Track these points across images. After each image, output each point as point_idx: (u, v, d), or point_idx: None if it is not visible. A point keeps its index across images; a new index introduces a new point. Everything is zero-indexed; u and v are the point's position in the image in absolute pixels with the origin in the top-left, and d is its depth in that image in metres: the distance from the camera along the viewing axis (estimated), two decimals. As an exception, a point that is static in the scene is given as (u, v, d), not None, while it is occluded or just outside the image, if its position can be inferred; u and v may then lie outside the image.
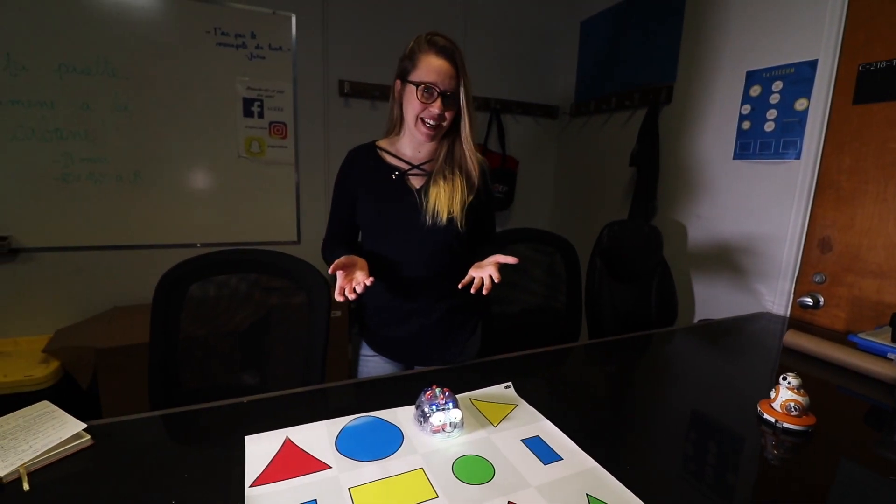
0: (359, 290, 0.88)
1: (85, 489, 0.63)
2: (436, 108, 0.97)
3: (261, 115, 2.16)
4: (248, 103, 2.14)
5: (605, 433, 0.84)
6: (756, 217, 1.77)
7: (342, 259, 0.91)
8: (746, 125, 1.79)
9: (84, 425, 0.74)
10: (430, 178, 1.06)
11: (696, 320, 1.97)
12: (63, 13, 1.83)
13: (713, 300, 1.93)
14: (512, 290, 1.55)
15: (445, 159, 1.05)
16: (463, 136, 1.04)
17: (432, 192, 1.03)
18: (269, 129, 2.19)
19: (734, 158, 1.84)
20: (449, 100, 0.98)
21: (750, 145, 1.78)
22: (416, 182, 1.07)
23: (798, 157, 1.63)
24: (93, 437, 0.73)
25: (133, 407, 0.83)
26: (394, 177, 1.06)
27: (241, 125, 2.14)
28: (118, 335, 1.70)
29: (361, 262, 0.95)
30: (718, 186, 1.90)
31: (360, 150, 1.11)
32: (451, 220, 1.03)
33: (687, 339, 1.41)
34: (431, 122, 0.98)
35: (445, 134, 1.05)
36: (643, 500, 0.63)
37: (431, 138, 1.01)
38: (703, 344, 1.37)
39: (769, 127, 1.72)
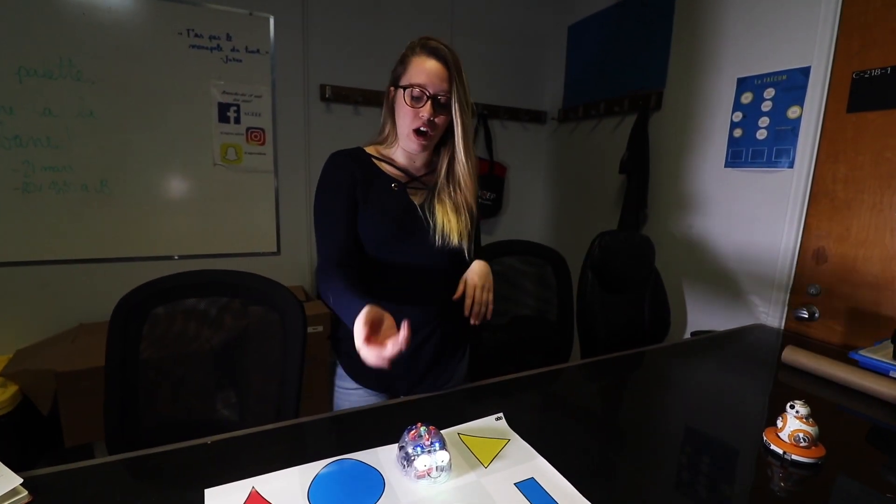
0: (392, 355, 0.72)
1: (13, 562, 0.54)
2: (425, 112, 0.90)
3: (237, 121, 2.07)
4: (223, 108, 2.05)
5: (604, 468, 0.79)
6: (749, 226, 1.74)
7: (367, 315, 0.74)
8: (738, 133, 1.77)
9: (20, 480, 0.65)
10: (431, 193, 0.99)
11: (688, 331, 1.94)
12: (22, 12, 1.73)
13: (706, 311, 1.90)
14: (503, 303, 1.49)
15: (447, 176, 0.98)
16: (458, 154, 0.97)
17: (438, 211, 0.97)
18: (247, 135, 2.10)
19: (726, 166, 1.81)
20: (440, 105, 0.91)
21: (742, 153, 1.76)
22: (416, 197, 0.99)
23: (791, 165, 1.60)
24: (31, 493, 0.64)
25: (97, 434, 0.74)
26: (394, 187, 0.97)
27: (216, 131, 2.05)
28: (81, 357, 1.59)
29: (388, 317, 0.79)
30: (710, 195, 1.87)
31: (349, 155, 0.98)
32: (459, 244, 0.98)
33: (682, 355, 1.37)
34: (422, 129, 0.91)
35: (444, 145, 0.98)
36: (650, 556, 0.57)
37: (424, 148, 0.94)
38: (699, 361, 1.33)
39: (761, 135, 1.69)
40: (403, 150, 0.98)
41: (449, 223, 0.96)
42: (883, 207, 1.40)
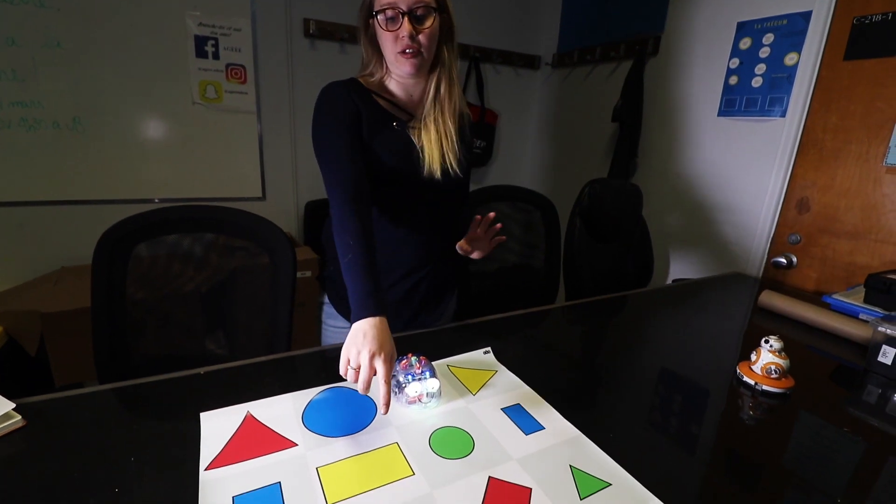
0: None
1: (15, 476, 0.55)
2: (404, 31, 0.84)
3: (216, 56, 1.96)
4: (200, 42, 1.93)
5: (586, 399, 0.82)
6: (736, 177, 1.74)
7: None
8: (734, 80, 1.73)
9: (13, 405, 0.66)
10: (420, 123, 0.94)
11: (670, 280, 1.98)
12: (-29, -75, 1.56)
13: (689, 260, 1.94)
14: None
15: (434, 97, 0.93)
16: (442, 66, 0.92)
17: (424, 139, 0.93)
18: (226, 71, 1.99)
19: (719, 115, 1.79)
20: (418, 17, 0.85)
21: (736, 102, 1.73)
22: (413, 133, 0.95)
23: (783, 115, 1.59)
24: (25, 418, 0.65)
25: (87, 374, 0.74)
26: (395, 125, 0.93)
27: (193, 67, 1.94)
28: (66, 298, 1.57)
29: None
30: (701, 144, 1.86)
31: (346, 87, 0.90)
32: (445, 171, 0.93)
33: (663, 300, 1.41)
34: (409, 50, 0.86)
35: (433, 69, 0.93)
36: (626, 469, 0.62)
37: (417, 68, 0.88)
38: (678, 305, 1.37)
39: (757, 82, 1.66)
40: (397, 80, 0.94)
41: (432, 150, 0.92)
42: (869, 157, 1.41)
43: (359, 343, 0.68)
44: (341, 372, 0.69)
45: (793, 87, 1.56)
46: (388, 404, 0.65)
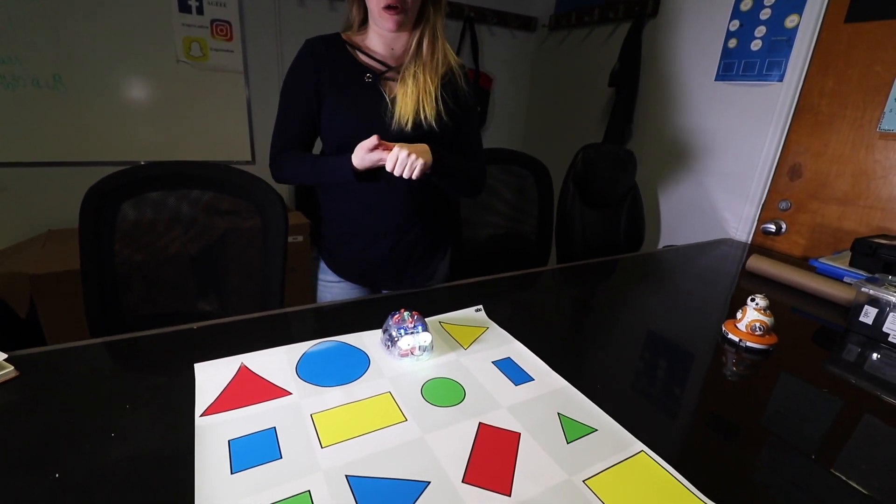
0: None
1: (8, 423, 0.56)
2: None
3: (200, 11, 1.88)
4: (183, -5, 1.84)
5: (575, 354, 0.84)
6: (731, 143, 1.74)
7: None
8: (733, 43, 1.70)
9: (4, 355, 0.66)
10: (399, 77, 0.93)
11: (661, 246, 2.00)
12: None
13: (679, 226, 1.95)
14: (482, 213, 1.50)
15: (415, 54, 0.91)
16: (426, 22, 0.90)
17: (399, 93, 0.91)
18: (212, 28, 1.92)
19: (716, 80, 1.77)
20: None
21: (734, 65, 1.71)
22: (391, 86, 0.94)
23: (781, 79, 1.57)
24: (18, 369, 0.65)
25: (79, 335, 0.75)
26: (367, 79, 0.92)
27: (177, 22, 1.86)
28: (54, 260, 1.56)
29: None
30: (697, 110, 1.84)
31: (323, 42, 0.93)
32: (418, 125, 0.91)
33: (653, 264, 1.42)
34: (393, 6, 0.84)
35: (416, 26, 0.91)
36: (612, 417, 0.64)
37: (399, 24, 0.87)
38: (668, 269, 1.39)
39: (756, 45, 1.64)
40: (379, 35, 0.92)
41: (405, 105, 0.90)
42: (863, 123, 1.41)
43: (366, 158, 0.84)
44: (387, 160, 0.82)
45: (792, 51, 1.54)
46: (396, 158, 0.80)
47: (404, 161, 0.81)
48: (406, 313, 0.76)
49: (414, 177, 0.83)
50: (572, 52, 2.47)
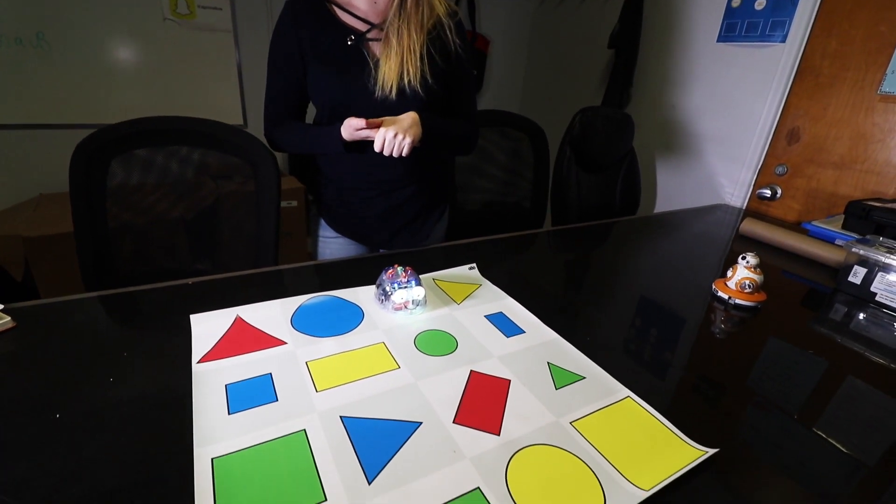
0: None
1: (8, 370, 0.57)
2: None
3: (186, -35, 1.81)
4: (167, -53, 1.77)
5: (567, 311, 0.86)
6: (730, 106, 1.71)
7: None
8: (736, 2, 1.66)
9: (1, 305, 0.66)
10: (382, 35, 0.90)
11: (656, 211, 2.00)
12: None
13: (675, 192, 1.95)
14: (476, 177, 1.49)
15: (399, 7, 0.87)
16: None
17: (382, 55, 0.88)
18: (199, -17, 1.85)
19: (718, 41, 1.73)
20: None
21: (737, 26, 1.67)
22: (375, 47, 0.91)
23: (784, 39, 1.54)
24: (14, 320, 0.66)
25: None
26: (350, 41, 0.89)
27: (162, -24, 1.79)
28: (47, 223, 1.55)
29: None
30: (698, 72, 1.81)
31: (304, 3, 0.90)
32: (402, 91, 0.89)
33: (647, 228, 1.43)
34: None
35: None
36: (601, 367, 0.65)
37: None
38: (662, 233, 1.39)
39: (759, 5, 1.59)
40: None
41: (388, 68, 0.87)
42: (864, 85, 1.39)
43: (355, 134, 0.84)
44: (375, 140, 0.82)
45: (796, 10, 1.50)
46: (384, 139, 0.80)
47: (391, 142, 0.81)
48: (400, 268, 0.77)
49: (404, 154, 0.83)
50: (572, 13, 2.40)
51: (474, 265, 0.94)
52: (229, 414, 0.51)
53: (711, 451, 0.50)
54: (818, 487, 0.48)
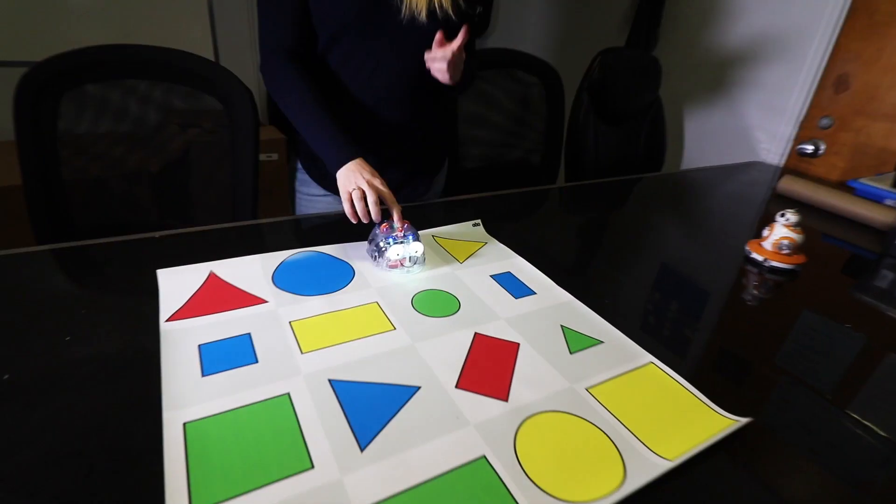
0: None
1: (-48, 326, 0.56)
2: None
3: None
4: None
5: (583, 272, 0.85)
6: (771, 50, 1.66)
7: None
8: (785, -76, 1.58)
9: (-59, 257, 0.64)
10: None
11: (683, 168, 1.98)
12: None
13: (705, 147, 1.91)
14: (479, 128, 1.45)
15: None
16: None
17: None
18: None
19: (761, -29, 1.66)
20: None
21: (784, -47, 1.59)
22: None
23: (837, -30, 1.47)
24: (-42, 273, 0.64)
25: None
26: None
27: None
28: (-6, 174, 1.51)
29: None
30: (735, 11, 1.74)
31: None
32: (432, 13, 0.85)
33: (672, 185, 1.41)
34: None
35: None
36: (621, 331, 0.64)
37: None
38: (689, 191, 1.37)
39: (812, -73, 1.52)
40: None
41: None
42: (927, 23, 1.34)
43: (352, 177, 0.79)
44: (347, 211, 0.78)
45: (854, -66, 1.43)
46: (401, 218, 0.75)
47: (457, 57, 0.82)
48: (395, 222, 0.75)
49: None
50: (593, -60, 2.30)
51: (479, 221, 0.93)
52: (203, 376, 0.50)
53: (744, 421, 0.50)
54: (850, 472, 0.48)
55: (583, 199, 1.24)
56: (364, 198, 0.77)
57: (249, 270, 0.70)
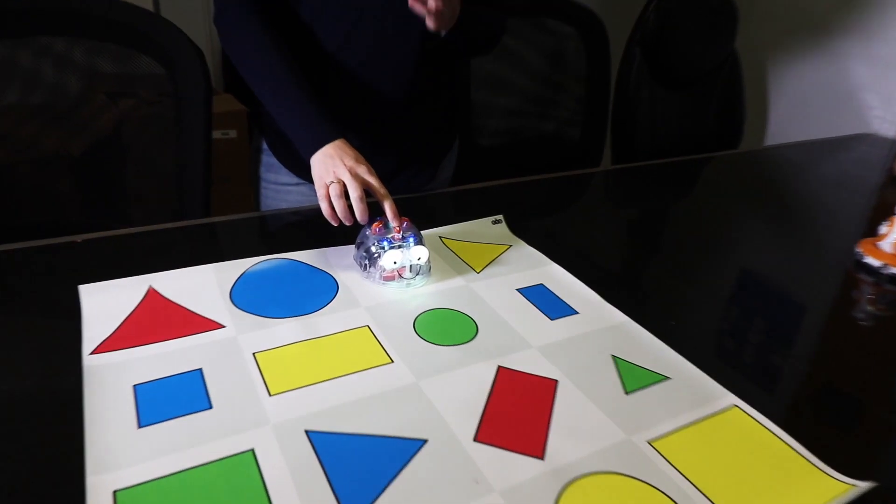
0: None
1: None
2: None
3: None
4: None
5: (637, 283, 0.85)
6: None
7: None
8: None
9: None
10: None
11: (768, 143, 1.98)
12: None
13: (796, 116, 1.91)
14: (497, 93, 1.46)
15: None
16: None
17: None
18: None
19: None
20: None
21: None
22: None
23: None
24: None
25: None
26: None
27: None
28: None
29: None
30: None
31: None
32: None
33: (754, 166, 1.42)
34: None
35: None
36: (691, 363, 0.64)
37: None
38: (777, 174, 1.38)
39: None
40: None
41: None
42: None
43: (329, 165, 0.78)
44: (325, 212, 0.75)
45: None
46: (397, 215, 0.75)
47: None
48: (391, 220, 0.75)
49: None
50: None
51: (500, 217, 0.93)
52: (139, 427, 0.49)
53: (864, 486, 0.49)
54: None
55: (636, 187, 1.25)
56: (346, 193, 0.76)
57: (200, 285, 0.70)
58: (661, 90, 1.66)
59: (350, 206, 0.76)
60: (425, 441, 0.50)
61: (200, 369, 0.57)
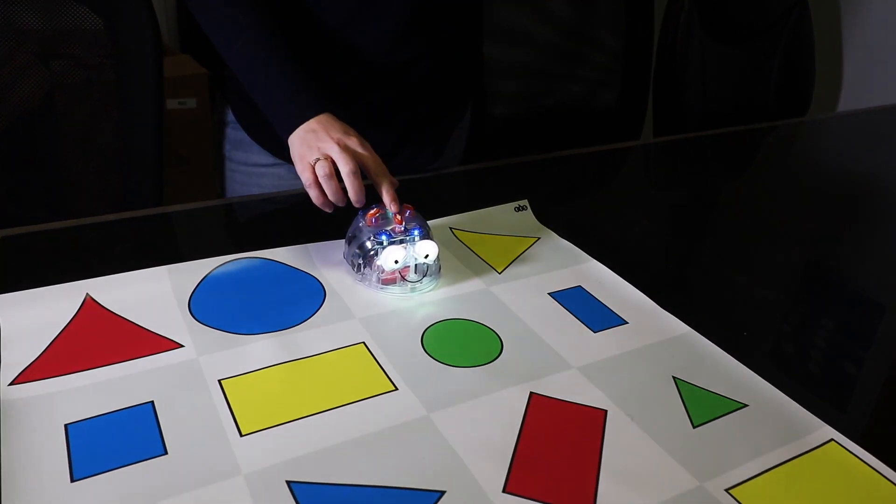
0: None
1: None
2: None
3: None
4: None
5: (699, 283, 0.85)
6: None
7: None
8: None
9: None
10: None
11: (842, 108, 2.00)
12: None
13: (877, 77, 1.90)
14: (519, 49, 1.46)
15: None
16: None
17: None
18: None
19: None
20: None
21: None
22: None
23: None
24: None
25: None
26: None
27: None
28: None
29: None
30: None
31: None
32: None
33: (826, 136, 1.44)
34: None
35: None
36: (773, 384, 0.63)
37: None
38: (853, 144, 1.38)
39: None
40: None
41: None
42: None
43: (312, 140, 0.76)
44: (314, 197, 0.75)
45: None
46: (396, 199, 0.74)
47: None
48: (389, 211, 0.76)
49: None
50: None
51: (525, 203, 0.92)
52: (73, 481, 0.47)
53: None
54: None
55: (686, 163, 1.25)
56: (336, 171, 0.74)
57: (151, 292, 0.70)
58: (714, 44, 1.66)
59: (343, 187, 0.74)
60: (441, 493, 0.48)
61: (152, 402, 0.55)
